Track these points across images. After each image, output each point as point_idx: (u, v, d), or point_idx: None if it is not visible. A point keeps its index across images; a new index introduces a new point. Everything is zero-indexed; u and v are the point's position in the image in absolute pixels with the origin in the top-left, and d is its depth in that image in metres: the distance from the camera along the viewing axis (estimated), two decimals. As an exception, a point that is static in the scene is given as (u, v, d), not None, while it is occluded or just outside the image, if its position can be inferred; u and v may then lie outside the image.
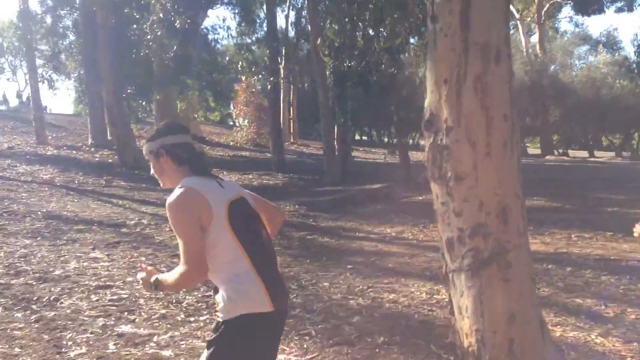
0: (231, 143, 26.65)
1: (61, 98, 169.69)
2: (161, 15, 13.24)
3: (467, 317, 2.37)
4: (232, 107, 33.45)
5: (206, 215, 2.07)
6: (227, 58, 25.70)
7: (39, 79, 23.14)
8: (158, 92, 15.28)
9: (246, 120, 27.30)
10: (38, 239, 7.25)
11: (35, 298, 4.96)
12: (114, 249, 6.86)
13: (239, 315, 2.07)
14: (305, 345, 4.03)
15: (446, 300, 2.94)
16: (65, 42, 18.55)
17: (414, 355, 3.85)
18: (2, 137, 23.23)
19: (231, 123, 43.63)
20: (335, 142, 17.07)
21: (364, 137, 42.90)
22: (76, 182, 12.79)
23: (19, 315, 4.58)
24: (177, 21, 13.44)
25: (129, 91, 15.13)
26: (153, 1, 13.25)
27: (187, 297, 5.08)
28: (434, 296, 5.24)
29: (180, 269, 2.05)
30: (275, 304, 2.11)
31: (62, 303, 4.88)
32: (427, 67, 2.47)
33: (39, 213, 8.89)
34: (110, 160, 16.76)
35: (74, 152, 18.49)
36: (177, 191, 2.11)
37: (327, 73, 16.52)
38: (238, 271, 2.10)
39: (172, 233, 7.63)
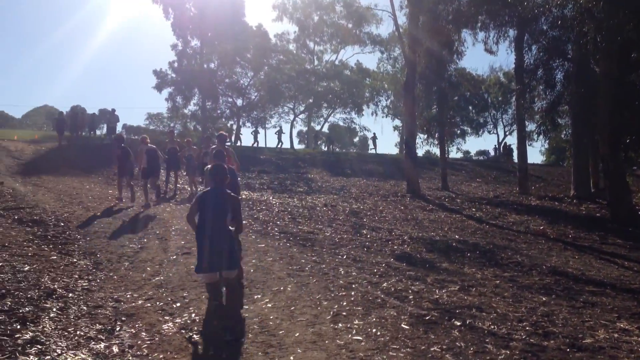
0: None
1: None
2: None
3: None
4: None
5: None
6: None
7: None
8: (661, 142, 13.60)
9: None
10: (552, 296, 7.05)
11: (576, 369, 4.65)
12: (642, 322, 6.05)
13: None
14: None
15: None
16: (553, 94, 18.64)
17: None
18: (487, 185, 25.13)
19: None
20: None
21: None
22: (570, 236, 12.39)
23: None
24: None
25: (627, 141, 13.98)
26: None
27: None
28: None
29: None
30: None
31: (607, 382, 4.44)
32: None
33: (544, 267, 8.80)
34: (598, 214, 15.80)
35: (556, 203, 18.30)
36: None
37: None
38: None
39: None
